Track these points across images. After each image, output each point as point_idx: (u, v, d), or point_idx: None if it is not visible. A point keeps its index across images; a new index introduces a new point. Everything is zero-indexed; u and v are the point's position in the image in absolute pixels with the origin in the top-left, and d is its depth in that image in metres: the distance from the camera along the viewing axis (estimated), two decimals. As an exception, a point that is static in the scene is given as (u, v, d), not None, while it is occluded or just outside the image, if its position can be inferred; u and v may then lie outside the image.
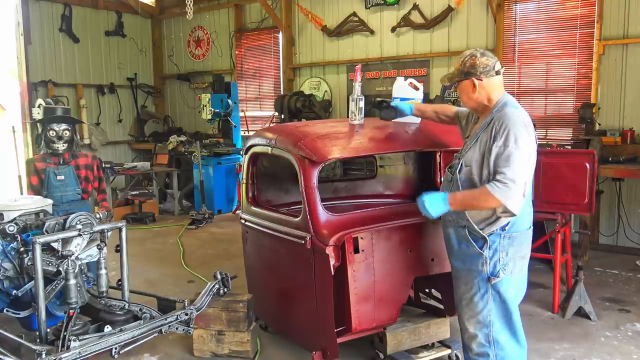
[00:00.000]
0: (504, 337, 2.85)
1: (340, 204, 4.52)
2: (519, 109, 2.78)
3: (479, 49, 2.86)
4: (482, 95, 2.81)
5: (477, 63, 2.77)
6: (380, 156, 4.71)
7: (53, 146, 4.51)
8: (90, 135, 10.59)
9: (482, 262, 2.78)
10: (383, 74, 8.59)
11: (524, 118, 2.72)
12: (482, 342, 2.86)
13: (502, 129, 2.65)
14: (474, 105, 2.88)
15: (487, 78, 2.78)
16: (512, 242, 2.77)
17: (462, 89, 2.86)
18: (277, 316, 4.07)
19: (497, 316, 2.83)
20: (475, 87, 2.79)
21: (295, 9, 9.51)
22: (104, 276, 3.43)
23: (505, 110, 2.74)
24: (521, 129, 2.65)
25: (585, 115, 6.37)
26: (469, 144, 2.86)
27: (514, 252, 2.78)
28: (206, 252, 6.78)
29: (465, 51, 2.88)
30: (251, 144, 4.14)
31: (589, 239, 6.08)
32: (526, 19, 7.18)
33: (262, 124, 10.07)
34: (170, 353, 4.03)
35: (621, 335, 4.19)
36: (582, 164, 4.47)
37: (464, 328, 2.94)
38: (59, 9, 10.23)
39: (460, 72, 2.82)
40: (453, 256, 2.97)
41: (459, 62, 2.84)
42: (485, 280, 2.79)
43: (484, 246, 2.76)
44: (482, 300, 2.82)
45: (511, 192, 2.57)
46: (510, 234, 2.76)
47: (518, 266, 2.82)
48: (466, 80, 2.81)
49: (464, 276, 2.89)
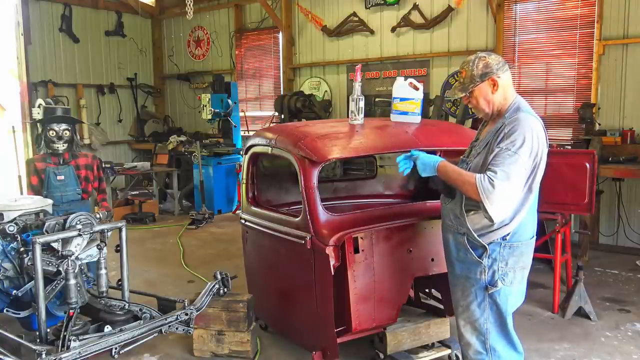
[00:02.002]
0: (500, 345, 2.80)
1: (340, 204, 4.53)
2: (531, 114, 2.69)
3: (480, 52, 2.81)
4: (500, 94, 2.72)
5: (489, 62, 2.69)
6: (380, 156, 4.71)
7: (53, 146, 4.51)
8: (90, 135, 10.59)
9: (481, 271, 2.72)
10: (383, 74, 8.59)
11: (535, 126, 2.62)
12: (478, 350, 2.82)
13: (509, 132, 2.58)
14: (491, 108, 2.75)
15: (503, 74, 2.71)
16: (513, 252, 2.70)
17: (480, 93, 2.73)
18: (277, 316, 4.07)
19: (494, 324, 2.77)
20: (495, 85, 2.70)
21: (295, 9, 9.51)
22: (104, 276, 3.42)
23: (517, 115, 2.64)
24: (528, 137, 2.56)
25: (585, 115, 6.37)
26: (478, 149, 2.77)
27: (514, 262, 2.71)
28: (206, 252, 6.78)
29: (468, 58, 2.77)
30: (251, 144, 4.14)
31: (589, 239, 6.08)
32: (526, 19, 7.18)
33: (262, 124, 10.07)
34: (170, 353, 4.03)
35: (621, 335, 4.19)
36: (582, 164, 4.47)
37: (460, 335, 2.90)
38: (59, 9, 10.23)
39: (474, 77, 2.70)
40: (451, 262, 2.92)
41: (467, 69, 2.73)
42: (483, 289, 2.73)
43: (483, 255, 2.69)
44: (479, 309, 2.77)
45: (493, 195, 2.49)
46: (511, 243, 2.69)
47: (518, 277, 2.75)
48: (482, 82, 2.70)
49: (462, 283, 2.84)
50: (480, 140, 2.80)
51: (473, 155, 2.79)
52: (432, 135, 3.78)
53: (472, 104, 2.79)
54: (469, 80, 2.72)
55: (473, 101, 2.77)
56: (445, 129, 4.29)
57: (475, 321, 2.80)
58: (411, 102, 3.82)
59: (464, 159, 2.87)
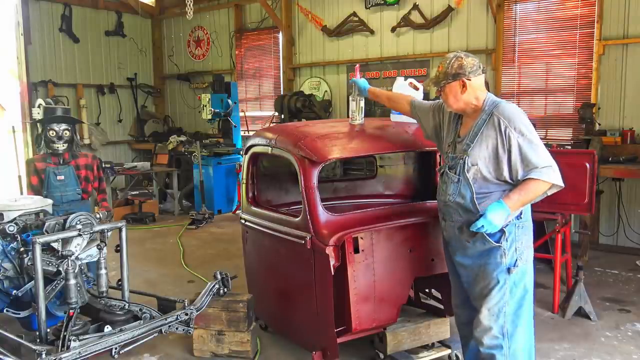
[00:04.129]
0: (519, 329, 2.88)
1: (340, 204, 4.52)
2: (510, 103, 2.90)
3: (461, 52, 2.92)
4: (470, 95, 2.85)
5: (464, 64, 2.83)
6: (380, 156, 4.71)
7: (53, 146, 4.50)
8: (90, 135, 10.59)
9: (501, 254, 2.82)
10: (383, 74, 8.59)
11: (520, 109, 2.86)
12: (495, 335, 2.86)
13: (510, 122, 2.73)
14: (461, 106, 2.90)
15: (474, 77, 2.83)
16: (525, 231, 2.87)
17: (450, 91, 2.87)
18: (277, 316, 4.07)
19: (513, 307, 2.86)
20: (465, 87, 2.83)
21: (295, 9, 9.51)
22: (104, 276, 3.42)
23: (502, 105, 2.82)
24: (524, 118, 2.78)
25: (585, 115, 6.37)
26: (469, 142, 2.85)
27: (527, 240, 2.87)
28: (206, 252, 6.78)
29: (448, 54, 2.92)
30: (251, 144, 4.14)
31: (589, 239, 6.08)
32: (526, 19, 7.18)
33: (262, 124, 10.07)
34: (170, 353, 4.03)
35: (621, 335, 4.19)
36: (582, 164, 4.47)
37: (477, 322, 2.92)
38: (59, 9, 10.22)
39: (448, 75, 2.85)
40: (462, 254, 2.96)
41: (444, 65, 2.87)
42: (505, 271, 2.82)
43: (502, 238, 2.80)
44: (499, 292, 2.84)
45: (553, 170, 2.70)
46: (523, 222, 2.85)
47: (530, 255, 2.91)
48: (454, 81, 2.84)
49: (480, 272, 2.89)
50: (466, 136, 2.89)
51: (465, 150, 2.85)
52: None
53: (442, 98, 2.96)
54: (443, 76, 2.87)
55: (443, 96, 2.93)
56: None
57: (494, 305, 2.86)
58: None
59: (453, 157, 2.93)
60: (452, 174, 2.93)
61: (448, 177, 2.96)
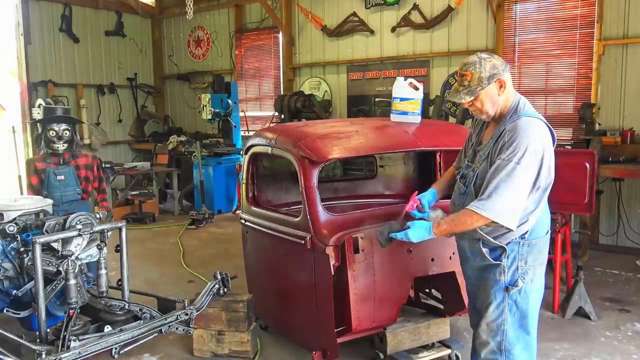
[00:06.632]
0: (517, 348, 2.75)
1: (340, 204, 4.53)
2: (533, 115, 2.63)
3: (480, 53, 2.70)
4: (504, 95, 2.65)
5: (495, 63, 2.61)
6: (380, 156, 4.71)
7: (53, 146, 4.51)
8: (90, 135, 10.58)
9: (500, 272, 2.67)
10: (383, 74, 8.58)
11: (536, 129, 2.57)
12: (493, 350, 2.78)
13: (510, 141, 2.53)
14: (495, 110, 2.67)
15: (507, 73, 2.65)
16: (532, 250, 2.68)
17: (486, 95, 2.62)
18: (277, 316, 4.07)
19: (513, 326, 2.74)
20: (502, 87, 2.62)
21: (295, 9, 9.51)
22: (104, 276, 3.42)
23: (519, 121, 2.58)
24: (532, 147, 2.51)
25: (585, 115, 6.37)
26: (483, 154, 2.70)
27: (533, 259, 2.69)
28: (206, 252, 6.78)
29: (469, 59, 2.65)
30: (251, 144, 4.14)
31: (589, 239, 6.08)
32: (526, 19, 7.18)
33: (262, 124, 10.07)
34: (170, 353, 4.03)
35: (621, 335, 4.19)
36: (582, 164, 4.46)
37: (477, 334, 2.85)
38: (59, 9, 10.22)
39: (482, 79, 2.59)
40: (467, 266, 2.90)
41: (473, 71, 2.60)
42: (503, 289, 2.69)
43: (502, 255, 2.66)
44: (497, 309, 2.73)
45: (496, 204, 2.46)
46: (530, 241, 2.66)
47: (538, 273, 2.73)
48: (491, 84, 2.60)
49: (480, 285, 2.81)
50: (484, 145, 2.73)
51: (479, 161, 2.72)
52: (432, 136, 3.79)
53: (476, 107, 2.67)
54: (477, 82, 2.60)
55: (477, 104, 2.65)
56: (445, 129, 4.29)
57: (492, 322, 2.75)
58: (411, 102, 3.83)
59: (469, 164, 2.79)
60: (461, 184, 2.80)
61: (458, 186, 2.84)
